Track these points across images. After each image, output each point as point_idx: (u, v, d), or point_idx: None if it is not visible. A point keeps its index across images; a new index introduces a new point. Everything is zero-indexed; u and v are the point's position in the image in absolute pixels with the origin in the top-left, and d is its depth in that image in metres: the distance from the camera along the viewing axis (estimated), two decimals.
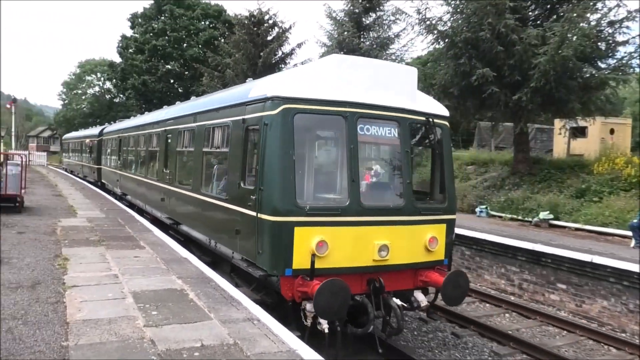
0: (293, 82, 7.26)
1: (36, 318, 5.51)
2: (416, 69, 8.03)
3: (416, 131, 7.93)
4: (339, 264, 6.84)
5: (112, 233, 11.42)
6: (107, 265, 8.20)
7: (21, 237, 10.41)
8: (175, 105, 14.76)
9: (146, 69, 49.95)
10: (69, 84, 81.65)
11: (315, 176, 7.86)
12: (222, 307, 6.26)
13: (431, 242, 7.50)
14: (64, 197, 19.24)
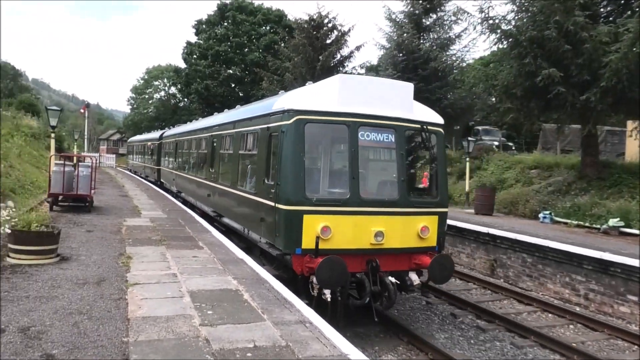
0: (305, 97, 8.76)
1: (100, 314, 5.78)
2: (412, 84, 9.29)
3: (412, 137, 9.14)
4: (340, 246, 8.21)
5: (173, 233, 11.84)
6: (167, 265, 8.50)
7: (89, 235, 10.98)
8: (220, 113, 16.61)
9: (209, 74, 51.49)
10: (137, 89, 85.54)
11: (322, 174, 9.40)
12: (275, 309, 6.33)
13: (423, 230, 8.77)
14: (130, 197, 20.13)
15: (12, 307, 5.84)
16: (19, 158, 22.66)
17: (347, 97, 8.50)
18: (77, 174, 14.68)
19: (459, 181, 22.79)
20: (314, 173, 9.14)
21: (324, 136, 9.36)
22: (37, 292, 6.48)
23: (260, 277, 7.99)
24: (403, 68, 25.11)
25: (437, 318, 10.39)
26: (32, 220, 8.18)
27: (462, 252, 15.53)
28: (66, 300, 6.20)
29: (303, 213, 8.14)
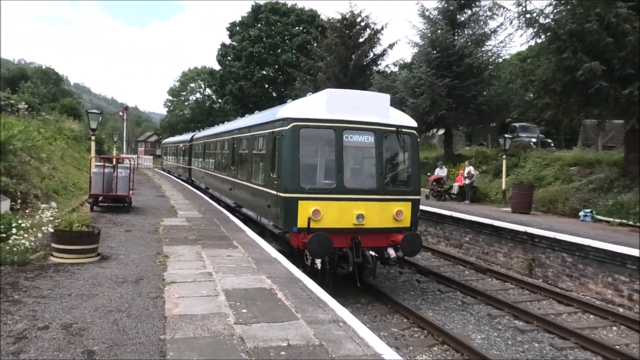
0: (300, 108, 10.85)
1: (138, 311, 5.93)
2: (388, 95, 11.38)
3: (390, 138, 10.89)
4: (328, 225, 10.12)
5: (208, 233, 12.04)
6: (202, 263, 8.65)
7: (128, 235, 11.28)
8: (240, 119, 19.63)
9: (243, 75, 52.14)
10: (174, 91, 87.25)
11: (313, 168, 11.08)
12: (309, 308, 6.35)
13: (398, 214, 10.63)
14: (167, 198, 20.56)
15: (55, 304, 6.06)
16: (61, 160, 23.45)
17: (333, 107, 10.53)
18: (116, 175, 15.09)
19: (495, 179, 22.34)
20: (307, 168, 10.83)
21: (316, 138, 10.99)
22: (79, 290, 6.69)
23: (293, 276, 8.04)
24: (437, 65, 24.78)
25: (473, 318, 10.22)
26: (73, 221, 8.45)
27: (498, 251, 15.24)
28: (106, 298, 6.38)
29: (298, 199, 10.17)
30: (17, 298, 6.25)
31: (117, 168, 15.58)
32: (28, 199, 13.08)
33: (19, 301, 6.13)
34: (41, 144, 20.60)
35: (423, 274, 13.62)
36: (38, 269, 7.78)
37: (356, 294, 11.47)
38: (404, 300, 11.12)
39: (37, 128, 23.97)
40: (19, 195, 12.58)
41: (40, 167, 17.76)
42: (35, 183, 14.95)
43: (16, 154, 15.56)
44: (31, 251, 8.50)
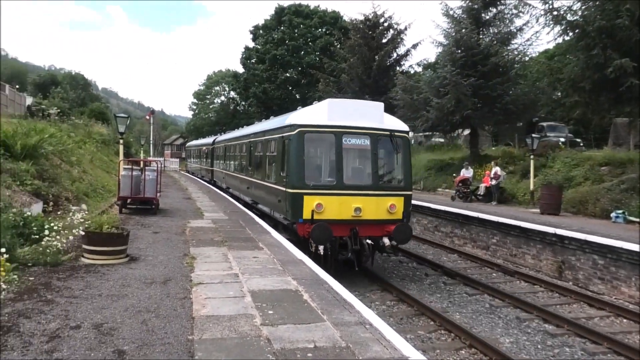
0: (305, 115, 12.34)
1: (167, 312, 6.00)
2: (382, 104, 12.73)
3: (384, 141, 12.22)
4: (329, 217, 11.50)
5: (234, 234, 12.14)
6: (228, 265, 8.72)
7: (156, 236, 11.45)
8: (256, 124, 21.49)
9: (266, 78, 52.45)
10: (199, 94, 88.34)
11: (317, 167, 12.44)
12: (335, 310, 6.34)
13: (391, 207, 11.93)
14: (193, 200, 20.81)
15: (86, 304, 6.18)
16: (90, 163, 23.96)
17: (334, 114, 11.96)
18: (144, 178, 15.33)
19: (523, 180, 21.96)
20: (311, 167, 12.21)
21: (318, 141, 12.32)
22: (109, 291, 6.82)
23: (319, 278, 8.04)
24: (462, 64, 24.51)
25: (502, 321, 10.07)
26: (103, 223, 8.62)
27: (527, 253, 14.98)
28: (135, 299, 6.49)
29: (303, 194, 11.60)
30: (50, 298, 6.40)
31: (144, 171, 15.83)
32: (59, 201, 13.40)
33: (51, 301, 6.27)
34: (71, 147, 21.10)
35: (450, 276, 13.48)
36: (70, 269, 7.95)
37: (382, 297, 11.42)
38: (430, 302, 11.03)
39: (68, 132, 24.56)
40: (50, 197, 12.89)
41: (71, 171, 18.18)
42: (66, 186, 15.30)
43: (48, 158, 15.96)
44: (63, 252, 8.70)
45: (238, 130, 25.64)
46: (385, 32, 37.77)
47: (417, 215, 21.02)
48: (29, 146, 14.00)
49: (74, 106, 54.33)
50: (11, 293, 6.51)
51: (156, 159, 40.94)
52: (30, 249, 8.27)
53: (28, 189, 12.33)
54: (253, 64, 55.29)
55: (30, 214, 9.67)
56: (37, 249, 8.30)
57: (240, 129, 25.79)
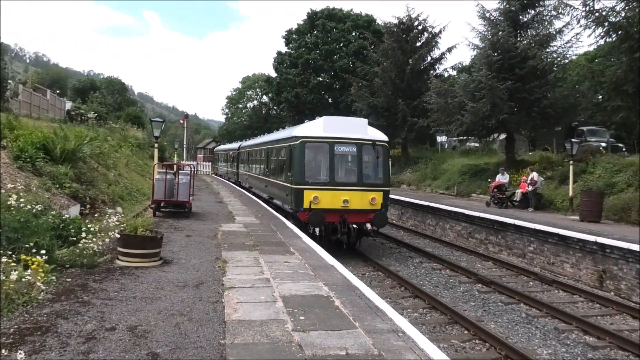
0: (306, 129, 16.11)
1: (199, 316, 6.08)
2: (366, 120, 16.51)
3: (368, 149, 15.62)
4: (323, 206, 14.91)
5: (265, 238, 12.22)
6: (260, 269, 8.78)
7: (188, 240, 11.62)
8: (273, 133, 26.51)
9: (299, 82, 52.68)
10: (232, 99, 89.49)
11: (314, 169, 15.69)
12: (367, 317, 6.30)
13: (373, 200, 15.26)
14: (225, 204, 21.06)
15: (121, 306, 6.31)
16: (126, 167, 24.54)
17: (328, 128, 15.58)
18: (178, 181, 15.60)
19: (561, 186, 21.40)
20: (310, 168, 15.56)
21: (316, 149, 15.70)
22: (143, 293, 6.95)
23: (351, 284, 8.00)
24: (498, 68, 24.11)
25: (539, 332, 9.80)
26: (138, 226, 8.81)
27: (565, 261, 14.57)
28: (169, 302, 6.59)
29: (304, 189, 15.11)
30: (87, 299, 6.56)
31: (178, 175, 16.11)
32: (96, 204, 13.76)
33: (88, 302, 6.43)
34: (108, 151, 21.64)
35: (484, 284, 13.23)
36: (105, 271, 8.15)
37: (414, 304, 11.29)
38: (464, 310, 10.84)
39: (105, 136, 25.21)
40: (87, 200, 13.26)
41: (107, 174, 18.66)
42: (103, 189, 15.71)
43: (85, 161, 16.42)
44: (99, 254, 8.92)
45: (259, 138, 29.81)
46: (420, 36, 37.52)
47: (450, 222, 20.73)
48: (68, 150, 14.43)
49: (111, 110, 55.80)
50: (49, 294, 6.71)
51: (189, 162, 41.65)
52: (68, 251, 8.50)
53: (66, 191, 12.71)
54: (285, 68, 55.61)
55: (69, 216, 9.95)
56: (74, 250, 8.53)
57: (260, 137, 30.17)
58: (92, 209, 13.08)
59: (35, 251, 7.35)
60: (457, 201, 24.11)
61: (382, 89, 36.36)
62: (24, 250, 7.43)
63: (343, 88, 48.52)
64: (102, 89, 72.04)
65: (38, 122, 21.16)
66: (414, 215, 24.23)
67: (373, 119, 37.36)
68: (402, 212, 25.55)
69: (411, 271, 14.64)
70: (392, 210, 26.63)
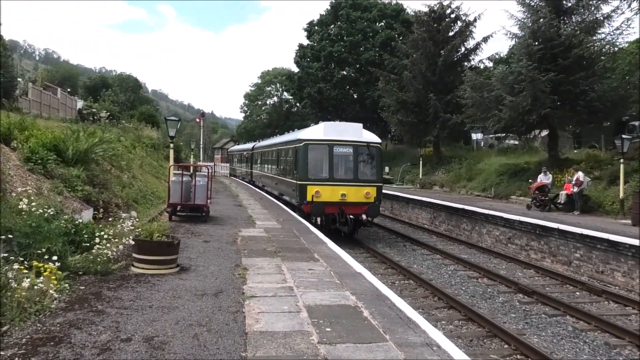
0: (309, 133, 19.51)
1: (218, 326, 6.13)
2: (361, 124, 19.92)
3: (362, 149, 18.88)
4: (324, 199, 18.07)
5: (288, 244, 12.27)
6: (282, 277, 8.82)
7: (206, 245, 11.74)
8: (282, 135, 30.72)
9: (321, 77, 52.72)
10: (250, 95, 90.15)
11: (316, 167, 18.82)
12: (398, 329, 6.27)
13: (367, 194, 18.38)
14: (244, 207, 21.23)
15: (137, 316, 6.41)
16: (140, 169, 24.91)
17: (328, 132, 19.00)
18: (194, 184, 15.78)
19: (611, 186, 20.95)
20: (312, 167, 18.88)
21: (317, 150, 18.93)
22: (160, 302, 7.05)
23: (380, 293, 7.98)
24: (539, 58, 23.75)
25: (588, 347, 9.61)
26: (154, 231, 8.94)
27: (616, 270, 14.26)
28: (186, 312, 6.66)
29: (307, 185, 18.41)
30: (101, 308, 6.68)
31: (194, 177, 16.30)
32: (109, 207, 14.01)
33: (102, 312, 6.55)
34: (121, 152, 22.01)
35: (525, 294, 13.03)
36: (120, 279, 8.29)
37: (449, 315, 11.20)
38: (504, 323, 10.70)
39: (118, 136, 25.65)
40: (101, 204, 13.50)
41: (121, 176, 18.98)
42: (116, 192, 15.98)
43: (98, 163, 16.73)
44: (113, 261, 9.08)
45: (270, 139, 34.10)
46: (452, 25, 37.23)
47: (488, 226, 20.50)
48: (80, 151, 14.72)
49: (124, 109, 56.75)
50: (62, 302, 6.85)
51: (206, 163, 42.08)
52: (81, 257, 8.67)
53: (79, 194, 12.96)
54: (308, 62, 55.75)
55: (81, 221, 10.14)
56: (87, 257, 8.70)
57: (272, 138, 34.50)
58: (106, 213, 13.31)
59: (47, 257, 7.52)
60: (494, 204, 23.84)
61: (412, 82, 36.17)
62: (35, 256, 7.61)
63: (369, 82, 48.36)
64: (115, 87, 73.36)
65: (49, 122, 21.65)
66: (447, 219, 24.03)
67: (402, 115, 37.32)
68: (435, 215, 25.36)
69: (445, 280, 14.52)
70: (423, 213, 26.47)
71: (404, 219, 28.14)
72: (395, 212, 30.42)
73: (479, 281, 14.53)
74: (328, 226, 18.23)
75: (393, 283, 13.74)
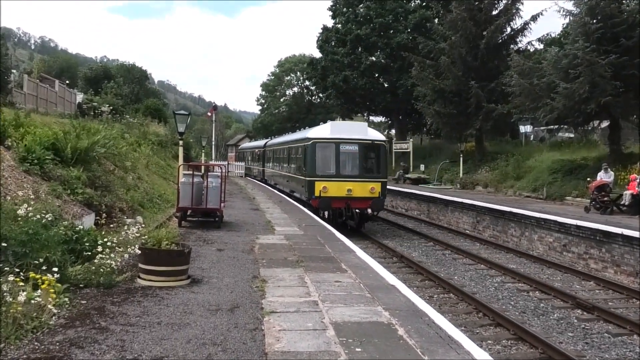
0: (317, 132, 24.20)
1: (235, 346, 6.15)
2: (366, 123, 29.19)
3: (367, 147, 22.78)
4: (331, 195, 21.68)
5: (311, 253, 12.31)
6: (305, 290, 8.82)
7: (220, 254, 11.83)
8: (291, 134, 36.22)
9: (348, 63, 52.62)
10: (268, 86, 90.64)
11: (324, 164, 22.44)
12: (438, 349, 6.22)
13: (372, 189, 21.90)
14: (262, 211, 21.38)
15: (144, 334, 6.47)
16: (146, 169, 25.24)
17: (334, 131, 22.79)
18: (206, 185, 15.89)
19: None
20: (320, 164, 22.33)
21: (325, 148, 22.51)
22: (169, 319, 7.10)
23: (417, 309, 7.93)
24: (598, 39, 23.35)
25: None
26: (162, 238, 9.02)
27: None
28: (199, 329, 6.70)
29: (315, 181, 21.71)
30: (104, 325, 6.76)
31: (206, 177, 16.41)
32: (113, 212, 14.20)
33: (106, 329, 6.62)
34: (125, 150, 22.32)
35: (585, 309, 12.82)
36: (125, 292, 8.38)
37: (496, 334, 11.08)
38: (560, 343, 10.54)
39: (122, 133, 26.01)
40: (103, 208, 13.70)
41: (125, 177, 19.24)
42: (120, 195, 16.20)
43: (100, 163, 16.98)
44: (117, 272, 9.20)
45: (281, 137, 39.34)
46: (496, 3, 36.86)
47: (539, 232, 20.24)
48: (81, 150, 14.96)
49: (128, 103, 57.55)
50: (62, 318, 6.95)
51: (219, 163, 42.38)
52: (82, 268, 8.80)
53: (79, 198, 13.18)
54: (332, 47, 55.72)
55: (82, 227, 10.30)
56: (89, 267, 8.82)
57: (283, 136, 40.03)
58: (109, 219, 13.50)
59: (45, 268, 7.64)
60: (547, 206, 23.54)
61: (451, 69, 35.92)
62: (32, 267, 7.74)
63: (402, 69, 48.12)
64: (118, 78, 74.41)
65: (46, 117, 22.06)
66: (492, 224, 23.80)
67: (440, 105, 37.13)
68: (478, 219, 25.14)
69: (491, 293, 14.38)
70: (465, 217, 26.28)
71: (442, 224, 27.96)
72: (432, 216, 30.24)
73: (530, 295, 14.35)
74: (335, 220, 21.40)
75: (431, 297, 13.65)
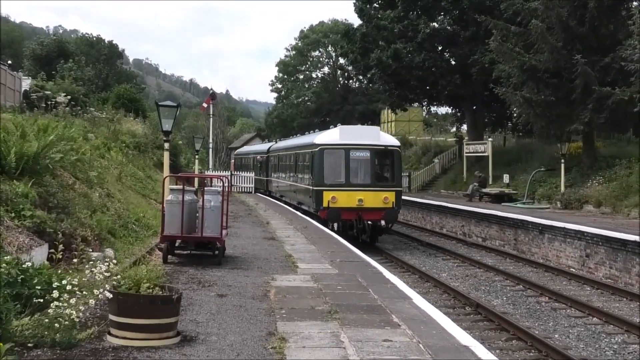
0: (324, 137, 32.39)
1: None
2: (378, 127, 38.37)
3: (380, 153, 30.60)
4: (340, 205, 29.06)
5: (349, 300, 12.26)
6: (342, 353, 8.80)
7: (222, 302, 11.85)
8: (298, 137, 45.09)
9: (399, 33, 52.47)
10: (286, 64, 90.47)
11: (332, 172, 30.26)
12: None
13: (385, 199, 29.26)
14: (279, 240, 21.34)
15: None
16: (118, 182, 25.44)
17: (343, 136, 30.51)
18: (202, 205, 15.92)
19: None
20: (328, 172, 29.42)
21: (333, 155, 29.42)
22: None
23: None
24: None
25: None
26: (141, 279, 9.07)
27: None
28: None
29: (323, 190, 29.10)
30: None
31: (202, 194, 16.44)
32: (73, 243, 14.26)
33: None
34: (90, 156, 22.54)
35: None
36: (90, 355, 8.40)
37: None
38: None
39: (84, 132, 26.30)
40: (60, 238, 13.71)
41: (90, 194, 19.38)
42: (83, 219, 16.30)
43: (55, 174, 17.14)
44: (80, 326, 9.23)
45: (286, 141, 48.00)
46: None
47: None
48: (28, 156, 15.11)
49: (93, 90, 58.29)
50: None
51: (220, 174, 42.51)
52: (32, 321, 8.86)
53: (27, 223, 13.27)
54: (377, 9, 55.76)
55: (31, 263, 10.39)
56: (41, 320, 8.86)
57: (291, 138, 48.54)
58: (67, 252, 13.53)
59: None
60: None
61: (546, 37, 35.60)
62: None
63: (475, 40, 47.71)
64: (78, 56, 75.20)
65: None
66: (609, 259, 23.44)
67: (530, 90, 36.81)
68: (587, 252, 24.79)
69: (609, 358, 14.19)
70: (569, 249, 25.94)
71: (535, 259, 27.67)
72: (520, 248, 29.96)
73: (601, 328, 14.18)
74: (345, 232, 26.95)
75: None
